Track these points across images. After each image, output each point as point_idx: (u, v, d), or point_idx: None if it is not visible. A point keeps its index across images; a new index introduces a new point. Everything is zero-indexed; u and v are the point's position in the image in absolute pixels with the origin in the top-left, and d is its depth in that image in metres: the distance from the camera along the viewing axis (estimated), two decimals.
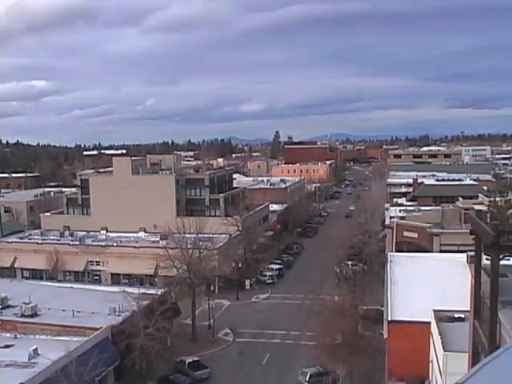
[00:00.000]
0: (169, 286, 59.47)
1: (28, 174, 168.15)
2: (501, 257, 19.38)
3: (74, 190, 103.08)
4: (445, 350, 26.17)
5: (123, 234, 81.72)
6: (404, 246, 60.84)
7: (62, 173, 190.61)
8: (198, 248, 62.21)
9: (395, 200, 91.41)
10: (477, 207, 52.07)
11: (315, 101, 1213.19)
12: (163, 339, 47.51)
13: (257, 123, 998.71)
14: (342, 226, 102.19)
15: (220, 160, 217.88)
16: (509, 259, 22.32)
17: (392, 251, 57.58)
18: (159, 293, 53.84)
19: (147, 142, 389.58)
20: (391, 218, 71.82)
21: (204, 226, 68.81)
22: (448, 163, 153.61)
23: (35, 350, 39.21)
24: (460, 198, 72.36)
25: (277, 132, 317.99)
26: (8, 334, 45.01)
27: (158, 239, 76.66)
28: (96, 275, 77.45)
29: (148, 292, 53.26)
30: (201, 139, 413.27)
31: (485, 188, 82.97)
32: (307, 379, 44.81)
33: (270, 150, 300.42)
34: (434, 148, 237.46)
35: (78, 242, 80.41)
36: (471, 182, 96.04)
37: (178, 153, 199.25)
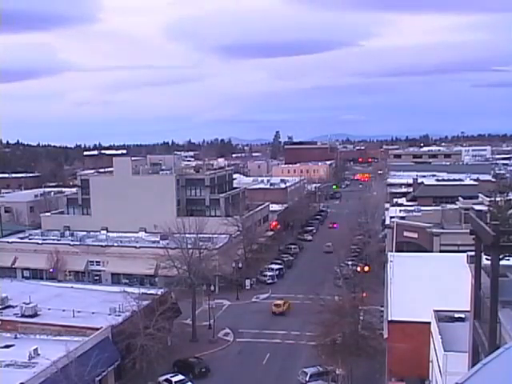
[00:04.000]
0: (169, 286, 59.52)
1: (28, 174, 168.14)
2: (501, 257, 19.40)
3: (74, 190, 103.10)
4: (445, 350, 26.16)
5: (123, 234, 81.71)
6: (404, 246, 60.81)
7: (63, 173, 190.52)
8: (198, 248, 62.22)
9: (395, 200, 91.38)
10: (477, 207, 52.13)
11: None
12: (163, 339, 47.53)
13: None
14: (342, 225, 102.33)
15: (220, 160, 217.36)
16: (509, 259, 22.36)
17: (392, 251, 57.59)
18: (159, 293, 53.88)
19: (147, 143, 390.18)
20: (391, 218, 71.83)
21: (204, 226, 68.86)
22: (448, 163, 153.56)
23: (35, 350, 39.23)
24: (460, 198, 72.34)
25: (277, 132, 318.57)
26: (8, 334, 45.04)
27: (158, 239, 76.64)
28: (96, 275, 77.46)
29: (148, 292, 53.22)
30: (201, 139, 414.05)
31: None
32: (307, 379, 44.82)
33: (270, 150, 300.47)
34: (434, 148, 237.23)
35: (78, 242, 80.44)
36: (471, 182, 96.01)
37: (179, 153, 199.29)
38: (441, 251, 55.68)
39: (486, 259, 20.84)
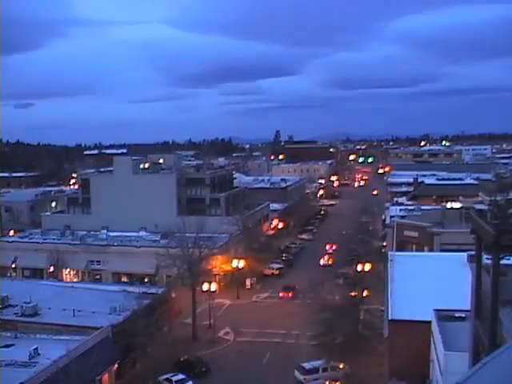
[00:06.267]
0: (169, 286, 59.48)
1: (28, 174, 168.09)
2: (501, 256, 19.37)
3: (74, 188, 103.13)
4: (445, 350, 26.16)
5: (124, 234, 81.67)
6: (404, 245, 60.82)
7: (63, 172, 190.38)
8: (199, 247, 62.22)
9: (396, 199, 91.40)
10: (477, 206, 52.04)
11: None
12: (164, 338, 47.53)
13: None
14: (342, 225, 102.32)
15: (221, 159, 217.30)
16: (509, 258, 22.32)
17: (392, 250, 57.57)
18: (160, 292, 53.85)
19: (147, 142, 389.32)
20: (392, 217, 71.81)
21: (204, 226, 68.74)
22: (448, 162, 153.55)
23: (35, 350, 39.16)
24: (461, 197, 72.35)
25: (277, 131, 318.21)
26: (8, 334, 44.95)
27: (158, 238, 76.66)
28: (97, 274, 77.40)
29: (149, 291, 53.25)
30: (201, 138, 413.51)
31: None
32: (306, 376, 44.63)
33: (271, 150, 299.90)
34: (434, 147, 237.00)
35: (78, 242, 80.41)
36: (472, 182, 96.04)
37: (179, 152, 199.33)
38: (441, 250, 55.66)
39: (487, 258, 20.82)
